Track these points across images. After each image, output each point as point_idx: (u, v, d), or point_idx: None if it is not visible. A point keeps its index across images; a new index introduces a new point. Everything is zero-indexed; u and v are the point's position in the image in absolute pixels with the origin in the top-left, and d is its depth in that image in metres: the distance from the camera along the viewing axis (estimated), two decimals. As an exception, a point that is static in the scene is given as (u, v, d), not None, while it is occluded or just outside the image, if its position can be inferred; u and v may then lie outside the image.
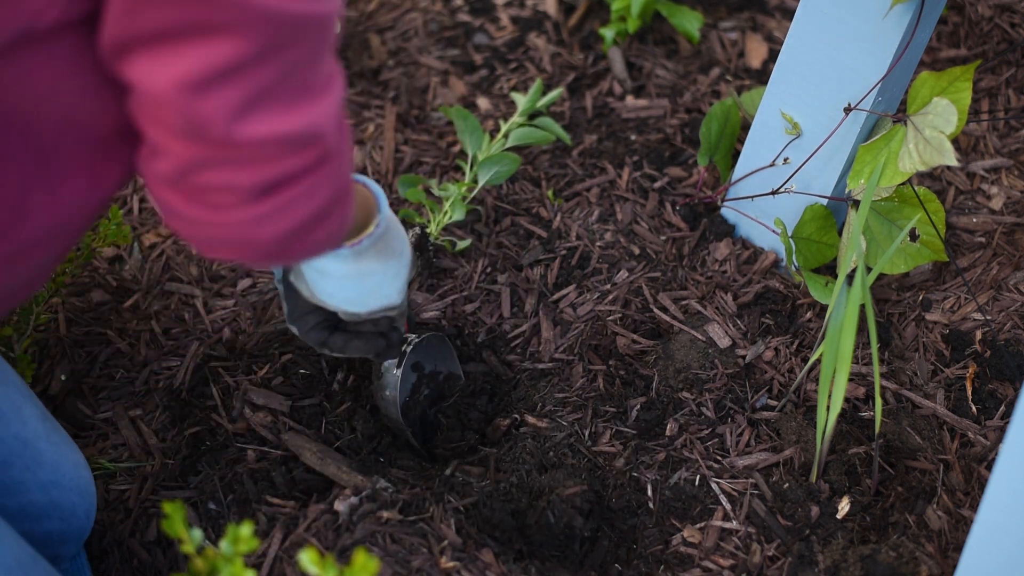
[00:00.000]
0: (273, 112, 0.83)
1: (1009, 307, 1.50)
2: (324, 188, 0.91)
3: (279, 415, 1.40)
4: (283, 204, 0.89)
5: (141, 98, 0.82)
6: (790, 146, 1.50)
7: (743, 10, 1.98)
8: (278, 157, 0.86)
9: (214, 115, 0.81)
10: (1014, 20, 1.86)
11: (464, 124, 1.63)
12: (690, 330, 1.47)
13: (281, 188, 0.88)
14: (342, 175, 0.94)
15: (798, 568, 1.25)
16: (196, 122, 0.81)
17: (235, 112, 0.81)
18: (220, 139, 0.82)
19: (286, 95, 0.84)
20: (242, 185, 0.86)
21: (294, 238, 0.93)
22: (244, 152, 0.84)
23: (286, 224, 0.91)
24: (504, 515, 1.31)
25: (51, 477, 1.18)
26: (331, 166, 0.91)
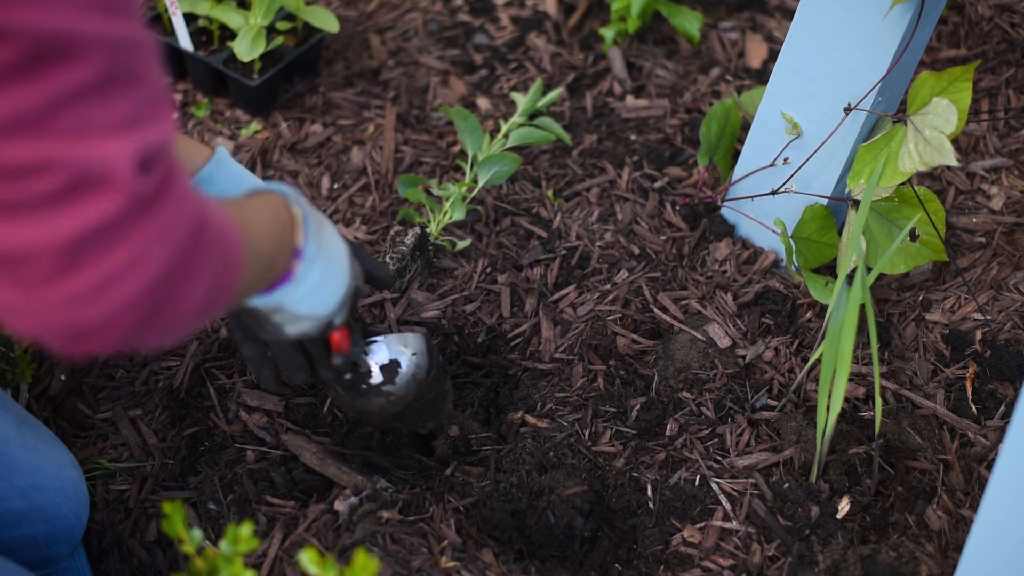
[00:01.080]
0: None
1: (1009, 307, 1.50)
2: (155, 252, 0.75)
3: (274, 416, 1.40)
4: (101, 278, 0.73)
5: None
6: (790, 146, 1.50)
7: (743, 10, 1.98)
8: (56, 204, 0.70)
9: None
10: (1014, 20, 1.86)
11: (464, 124, 1.63)
12: (690, 330, 1.47)
13: (90, 249, 0.72)
14: (184, 229, 0.77)
15: (798, 568, 1.25)
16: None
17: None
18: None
19: (55, 130, 0.70)
20: (46, 245, 0.71)
21: (145, 314, 0.76)
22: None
23: (117, 298, 0.73)
24: (504, 515, 1.31)
25: (30, 482, 1.17)
26: (153, 223, 0.74)
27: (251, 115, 1.80)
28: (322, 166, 1.73)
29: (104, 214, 0.72)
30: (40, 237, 0.71)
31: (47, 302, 0.73)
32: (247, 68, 1.76)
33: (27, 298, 0.73)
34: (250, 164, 1.71)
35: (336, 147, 1.75)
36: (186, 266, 0.78)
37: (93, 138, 0.71)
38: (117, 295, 0.74)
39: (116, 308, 0.74)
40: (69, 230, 0.71)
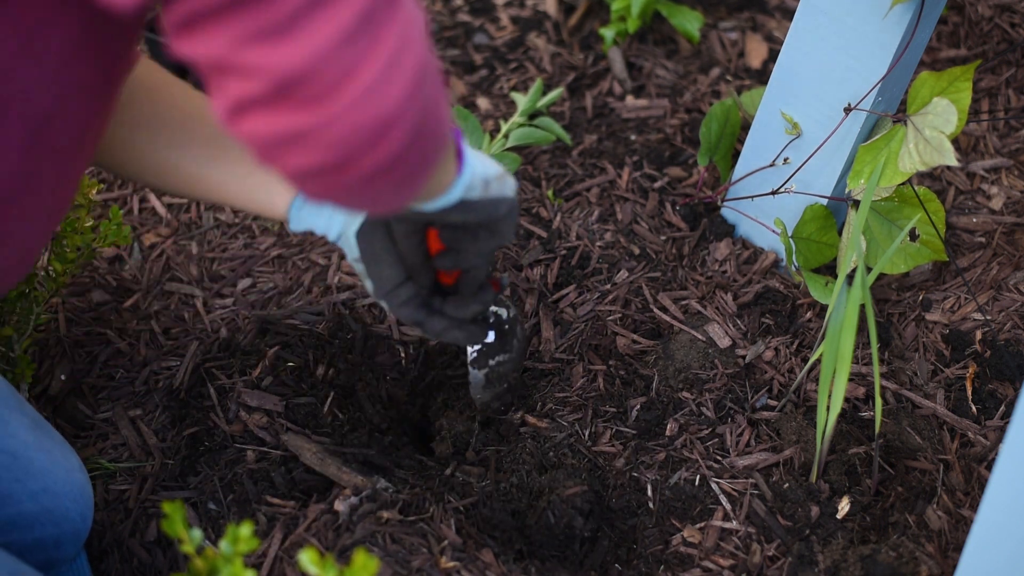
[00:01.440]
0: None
1: (1009, 307, 1.50)
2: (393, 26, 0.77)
3: (275, 416, 1.40)
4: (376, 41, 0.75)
5: None
6: (790, 146, 1.50)
7: (743, 10, 1.98)
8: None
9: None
10: (1014, 20, 1.86)
11: (464, 124, 1.63)
12: (690, 330, 1.47)
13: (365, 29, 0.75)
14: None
15: (798, 568, 1.25)
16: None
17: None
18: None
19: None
20: (321, 51, 0.74)
21: (424, 103, 0.79)
22: None
23: (406, 72, 0.76)
24: (504, 515, 1.31)
25: (41, 485, 1.17)
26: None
27: (251, 115, 1.80)
28: (322, 166, 1.73)
29: (355, 9, 0.74)
30: (313, 45, 0.73)
31: (341, 107, 0.76)
32: (247, 68, 1.76)
33: (318, 116, 0.76)
34: (250, 164, 1.71)
35: (336, 147, 1.75)
36: (429, 62, 0.80)
37: None
38: (399, 77, 0.76)
39: (401, 92, 0.77)
40: (335, 28, 0.74)
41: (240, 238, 1.62)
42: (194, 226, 1.64)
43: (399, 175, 0.83)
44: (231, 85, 0.76)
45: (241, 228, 1.62)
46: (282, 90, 0.75)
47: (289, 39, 0.73)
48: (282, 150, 0.79)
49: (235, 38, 0.74)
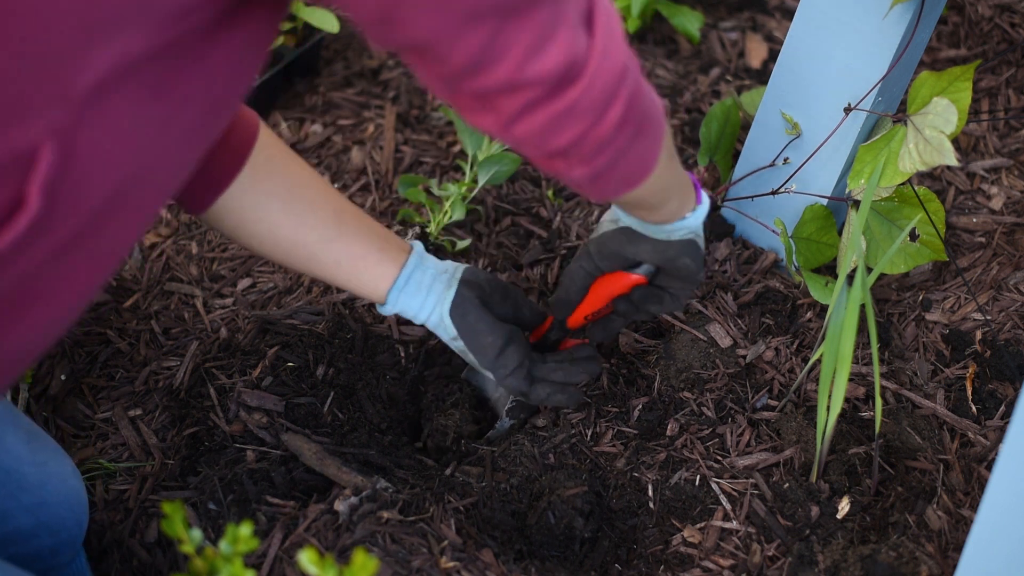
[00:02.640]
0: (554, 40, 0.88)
1: (1009, 307, 1.50)
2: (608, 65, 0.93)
3: (275, 416, 1.40)
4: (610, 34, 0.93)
5: None
6: (790, 146, 1.50)
7: (743, 10, 1.98)
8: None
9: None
10: (1014, 20, 1.86)
11: (464, 124, 1.63)
12: (691, 330, 1.47)
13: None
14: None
15: (798, 568, 1.25)
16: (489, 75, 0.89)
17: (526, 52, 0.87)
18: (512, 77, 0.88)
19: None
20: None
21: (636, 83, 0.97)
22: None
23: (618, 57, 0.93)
24: (504, 515, 1.31)
25: (37, 499, 1.16)
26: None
27: (251, 115, 1.80)
28: (322, 166, 1.73)
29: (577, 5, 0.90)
30: (565, 41, 0.88)
31: (591, 73, 0.91)
32: (247, 68, 1.76)
33: (579, 87, 0.91)
34: (250, 164, 1.71)
35: (336, 147, 1.75)
36: (625, 34, 0.96)
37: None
38: (617, 39, 0.93)
39: (622, 48, 0.94)
40: (569, 24, 0.88)
41: (240, 238, 1.62)
42: (194, 226, 1.64)
43: (634, 123, 0.98)
44: (504, 102, 0.90)
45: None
46: (557, 86, 0.90)
47: (551, 46, 0.87)
48: (553, 132, 0.94)
49: (516, 64, 0.87)
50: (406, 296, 1.27)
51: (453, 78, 0.88)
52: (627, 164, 1.03)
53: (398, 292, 1.26)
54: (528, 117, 0.92)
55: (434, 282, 1.28)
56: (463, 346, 1.29)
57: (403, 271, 1.27)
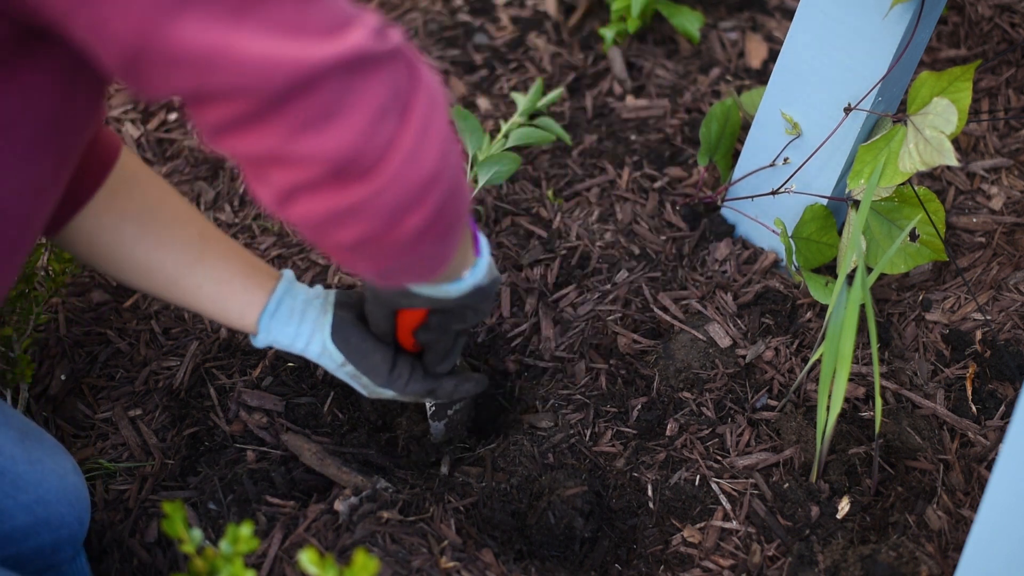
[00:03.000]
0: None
1: (1009, 307, 1.50)
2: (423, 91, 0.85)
3: (275, 416, 1.40)
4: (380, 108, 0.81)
5: None
6: (790, 146, 1.50)
7: (743, 10, 1.98)
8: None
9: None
10: (1014, 20, 1.86)
11: (464, 124, 1.63)
12: (690, 330, 1.47)
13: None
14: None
15: (798, 568, 1.25)
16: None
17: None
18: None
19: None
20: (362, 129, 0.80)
21: (451, 165, 0.86)
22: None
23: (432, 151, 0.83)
24: (504, 515, 1.31)
25: (34, 497, 1.16)
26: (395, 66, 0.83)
27: (251, 115, 1.80)
28: (322, 166, 1.73)
29: (388, 82, 0.79)
30: (356, 125, 0.79)
31: (389, 176, 0.81)
32: (247, 68, 1.76)
33: (369, 188, 0.81)
34: (250, 164, 1.71)
35: (336, 147, 1.75)
36: (450, 133, 0.85)
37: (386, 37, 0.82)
38: (432, 140, 0.82)
39: (436, 153, 0.83)
40: (371, 107, 0.79)
41: (240, 238, 1.62)
42: (194, 226, 1.64)
43: (437, 232, 0.89)
44: (276, 175, 0.81)
45: (241, 228, 1.62)
46: (335, 172, 0.80)
47: (334, 125, 0.78)
48: (335, 226, 0.84)
49: (284, 134, 0.77)
50: (278, 323, 1.20)
51: (214, 130, 0.80)
52: (423, 265, 0.95)
53: (269, 318, 1.20)
54: (304, 201, 0.83)
55: (307, 308, 1.22)
56: (352, 370, 1.23)
57: (272, 297, 1.20)
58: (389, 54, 0.81)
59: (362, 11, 0.81)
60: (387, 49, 0.80)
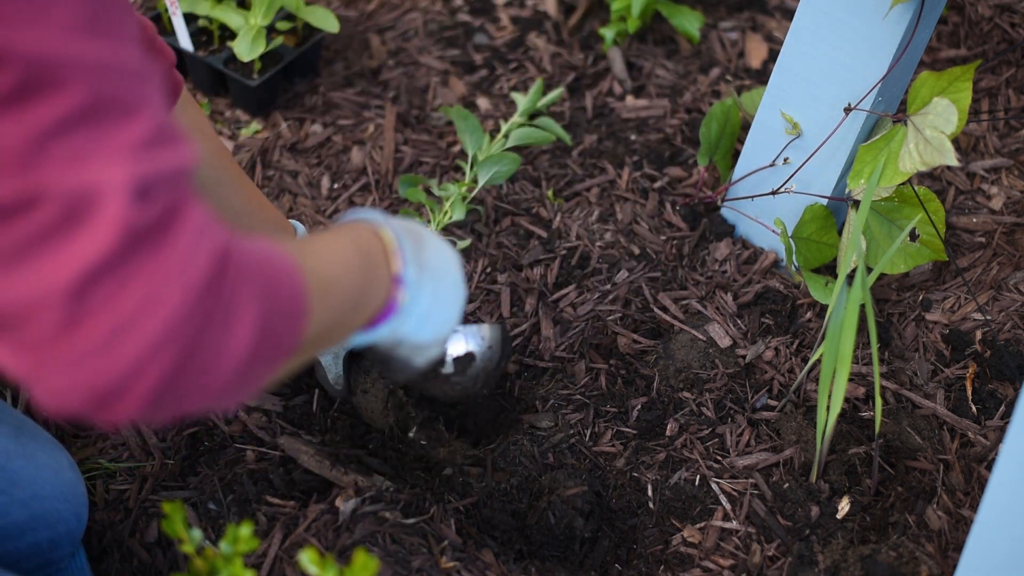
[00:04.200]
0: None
1: (1009, 307, 1.50)
2: (173, 290, 0.67)
3: (273, 416, 1.40)
4: (111, 329, 0.65)
5: None
6: (790, 146, 1.50)
7: (743, 10, 1.98)
8: (49, 238, 0.64)
9: None
10: (1014, 20, 1.86)
11: (464, 124, 1.63)
12: (690, 330, 1.47)
13: (104, 299, 0.65)
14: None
15: (798, 568, 1.25)
16: None
17: None
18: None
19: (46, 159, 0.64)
20: (45, 295, 0.65)
21: (182, 360, 0.67)
22: None
23: (133, 351, 0.65)
24: (504, 515, 1.31)
25: (30, 493, 1.16)
26: (173, 253, 0.67)
27: (251, 115, 1.80)
28: (322, 166, 1.73)
29: (101, 249, 0.64)
30: (38, 286, 0.64)
31: (59, 363, 0.65)
32: (247, 68, 1.76)
33: (37, 362, 0.65)
34: (250, 164, 1.71)
35: (336, 147, 1.75)
36: (211, 308, 0.68)
37: (84, 166, 0.64)
38: (132, 344, 0.65)
39: (134, 360, 0.65)
40: (67, 272, 0.64)
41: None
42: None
43: (211, 384, 0.71)
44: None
45: (241, 228, 1.63)
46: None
47: (23, 268, 0.64)
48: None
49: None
50: None
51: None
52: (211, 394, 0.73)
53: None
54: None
55: None
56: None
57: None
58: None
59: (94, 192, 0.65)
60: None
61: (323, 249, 0.90)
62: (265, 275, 0.74)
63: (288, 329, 0.76)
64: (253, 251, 0.74)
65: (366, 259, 0.93)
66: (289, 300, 0.77)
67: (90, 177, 0.64)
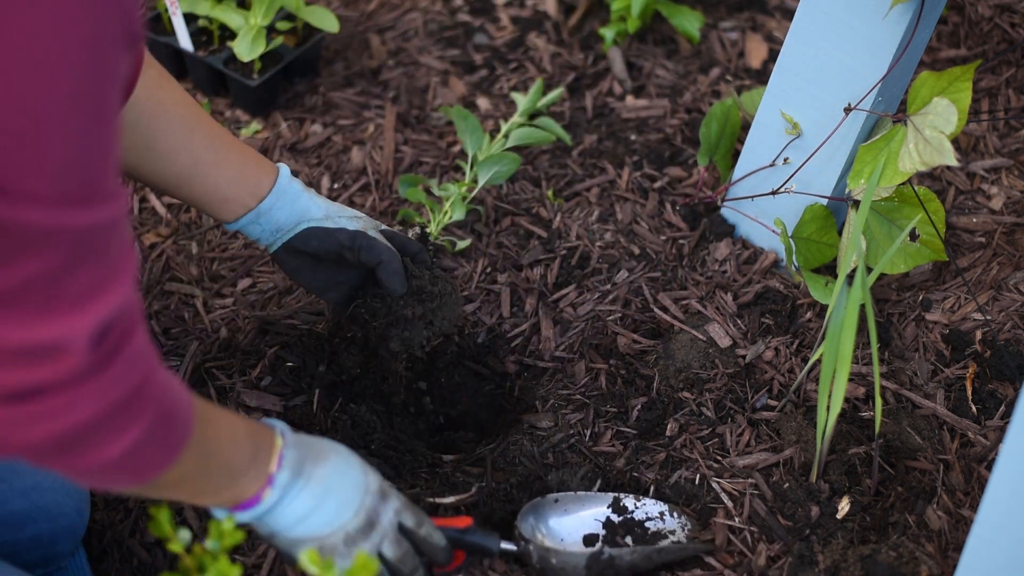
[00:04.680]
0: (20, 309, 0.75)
1: (1009, 307, 1.50)
2: (86, 403, 0.81)
3: (274, 416, 1.40)
4: (32, 414, 0.79)
5: None
6: (790, 146, 1.50)
7: (743, 10, 1.98)
8: (11, 366, 0.77)
9: None
10: (1014, 20, 1.86)
11: (464, 124, 1.63)
12: (690, 330, 1.47)
13: (32, 397, 0.79)
14: (120, 392, 0.83)
15: (798, 568, 1.25)
16: None
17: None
18: None
19: (18, 308, 0.75)
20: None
21: (64, 450, 0.83)
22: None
23: (40, 434, 0.81)
24: (504, 515, 1.31)
25: (31, 483, 1.17)
26: (95, 384, 0.81)
27: (251, 115, 1.80)
28: (322, 166, 1.73)
29: (51, 379, 0.78)
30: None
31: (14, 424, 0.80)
32: (247, 68, 1.76)
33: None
34: (250, 164, 1.71)
35: (336, 147, 1.75)
36: (112, 422, 0.83)
37: (53, 315, 0.76)
38: (37, 431, 0.80)
39: (39, 438, 0.81)
40: (14, 384, 0.77)
41: (240, 238, 1.62)
42: (194, 226, 1.64)
43: (83, 468, 0.87)
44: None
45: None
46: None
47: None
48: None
49: None
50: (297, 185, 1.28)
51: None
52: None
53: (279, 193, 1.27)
54: None
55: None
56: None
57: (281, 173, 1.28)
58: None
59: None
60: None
61: (222, 420, 1.01)
62: (163, 410, 0.89)
63: (159, 459, 0.91)
64: (167, 380, 0.90)
65: (254, 448, 1.04)
66: (170, 439, 0.91)
67: (58, 330, 0.77)
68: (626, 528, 1.28)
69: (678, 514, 1.30)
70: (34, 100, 0.68)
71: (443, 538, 1.17)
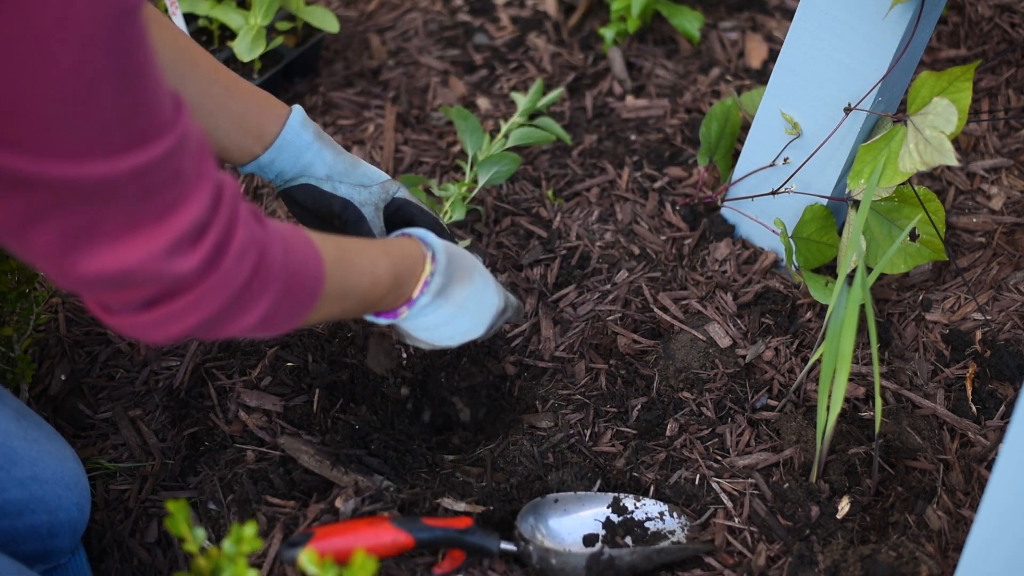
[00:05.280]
0: (98, 247, 0.82)
1: (1009, 307, 1.50)
2: (209, 300, 0.89)
3: (273, 416, 1.40)
4: (164, 316, 0.89)
5: None
6: (790, 146, 1.50)
7: (743, 10, 1.98)
8: (120, 289, 0.85)
9: (39, 254, 0.82)
10: (1014, 20, 1.86)
11: (464, 124, 1.63)
12: (690, 330, 1.47)
13: (159, 302, 0.88)
14: (240, 280, 0.91)
15: (798, 568, 1.25)
16: (30, 260, 0.83)
17: (58, 251, 0.81)
18: (56, 276, 0.84)
19: (114, 230, 0.81)
20: (117, 301, 0.88)
21: (199, 334, 0.93)
22: (86, 286, 0.85)
23: (177, 330, 0.90)
24: (504, 515, 1.31)
25: (29, 473, 1.18)
26: (211, 282, 0.88)
27: (251, 115, 1.80)
28: (322, 166, 1.73)
29: (170, 288, 0.87)
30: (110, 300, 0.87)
31: (130, 323, 0.90)
32: (247, 68, 1.76)
33: (115, 317, 0.90)
34: (250, 164, 1.71)
35: (336, 147, 1.75)
36: (239, 304, 0.92)
37: (138, 236, 0.83)
38: (174, 329, 0.90)
39: (172, 336, 0.91)
40: (139, 298, 0.87)
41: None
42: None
43: (225, 333, 0.96)
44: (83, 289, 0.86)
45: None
46: (116, 289, 0.86)
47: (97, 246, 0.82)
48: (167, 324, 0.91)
49: (55, 253, 0.82)
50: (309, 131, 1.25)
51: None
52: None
53: (296, 130, 1.24)
54: (130, 313, 0.89)
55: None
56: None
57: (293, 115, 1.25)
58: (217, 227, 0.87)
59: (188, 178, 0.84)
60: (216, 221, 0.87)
61: (360, 259, 1.09)
62: (286, 279, 0.96)
63: (291, 318, 1.00)
64: (286, 252, 0.96)
65: (395, 279, 1.13)
66: (299, 300, 0.99)
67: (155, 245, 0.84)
68: (626, 528, 1.28)
69: (678, 514, 1.30)
70: (73, 71, 0.73)
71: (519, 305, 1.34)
